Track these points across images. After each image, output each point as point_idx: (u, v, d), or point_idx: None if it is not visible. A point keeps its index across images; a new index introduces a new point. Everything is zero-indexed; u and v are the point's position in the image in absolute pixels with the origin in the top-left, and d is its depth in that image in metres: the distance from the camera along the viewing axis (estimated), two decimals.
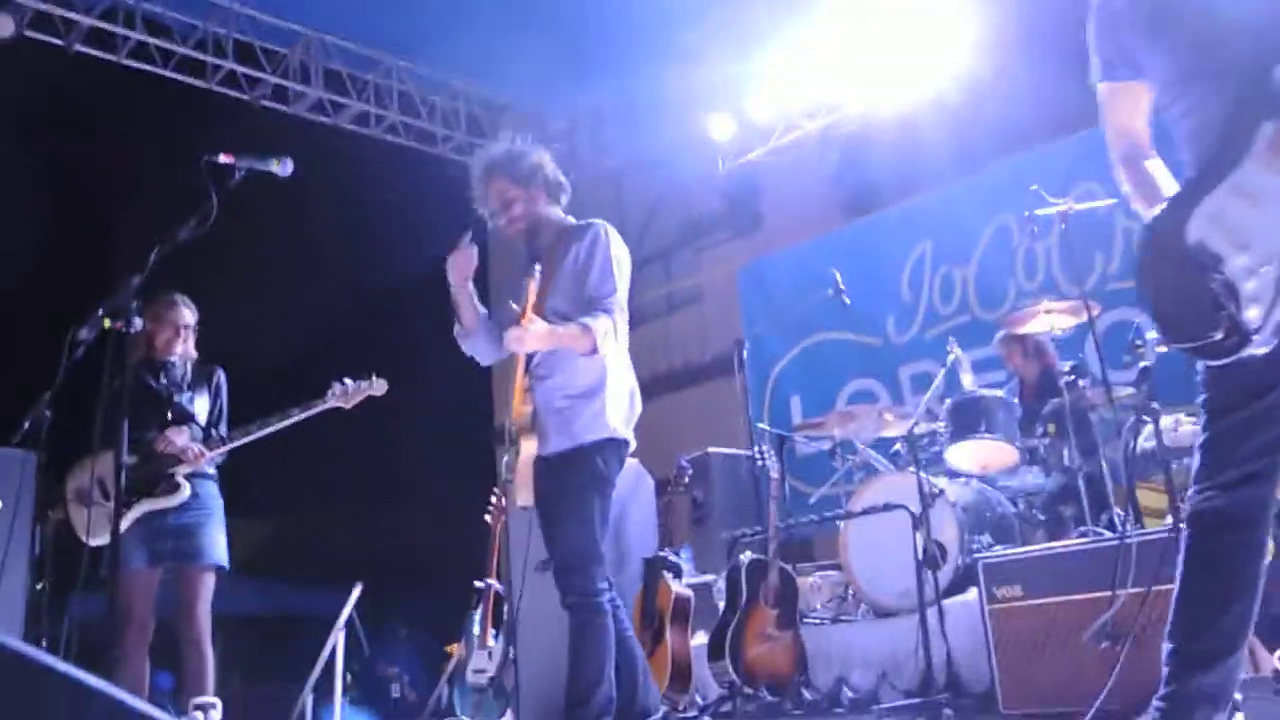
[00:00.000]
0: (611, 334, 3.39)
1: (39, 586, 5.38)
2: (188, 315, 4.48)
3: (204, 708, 4.01)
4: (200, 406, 4.43)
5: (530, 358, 3.52)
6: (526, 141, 3.74)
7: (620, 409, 3.53)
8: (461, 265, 3.60)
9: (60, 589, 5.31)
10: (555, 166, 3.74)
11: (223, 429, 4.47)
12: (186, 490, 4.21)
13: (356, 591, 6.00)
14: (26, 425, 4.16)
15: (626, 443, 3.57)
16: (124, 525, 4.13)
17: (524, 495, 3.56)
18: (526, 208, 3.62)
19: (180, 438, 4.24)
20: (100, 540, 4.01)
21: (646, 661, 3.64)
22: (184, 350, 4.48)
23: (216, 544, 4.27)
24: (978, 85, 7.98)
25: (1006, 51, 7.83)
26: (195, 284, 4.54)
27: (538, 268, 3.48)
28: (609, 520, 3.56)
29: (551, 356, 3.48)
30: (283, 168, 3.13)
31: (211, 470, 4.41)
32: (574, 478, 3.45)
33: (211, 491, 4.38)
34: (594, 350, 3.36)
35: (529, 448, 3.50)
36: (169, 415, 4.31)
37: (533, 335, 3.35)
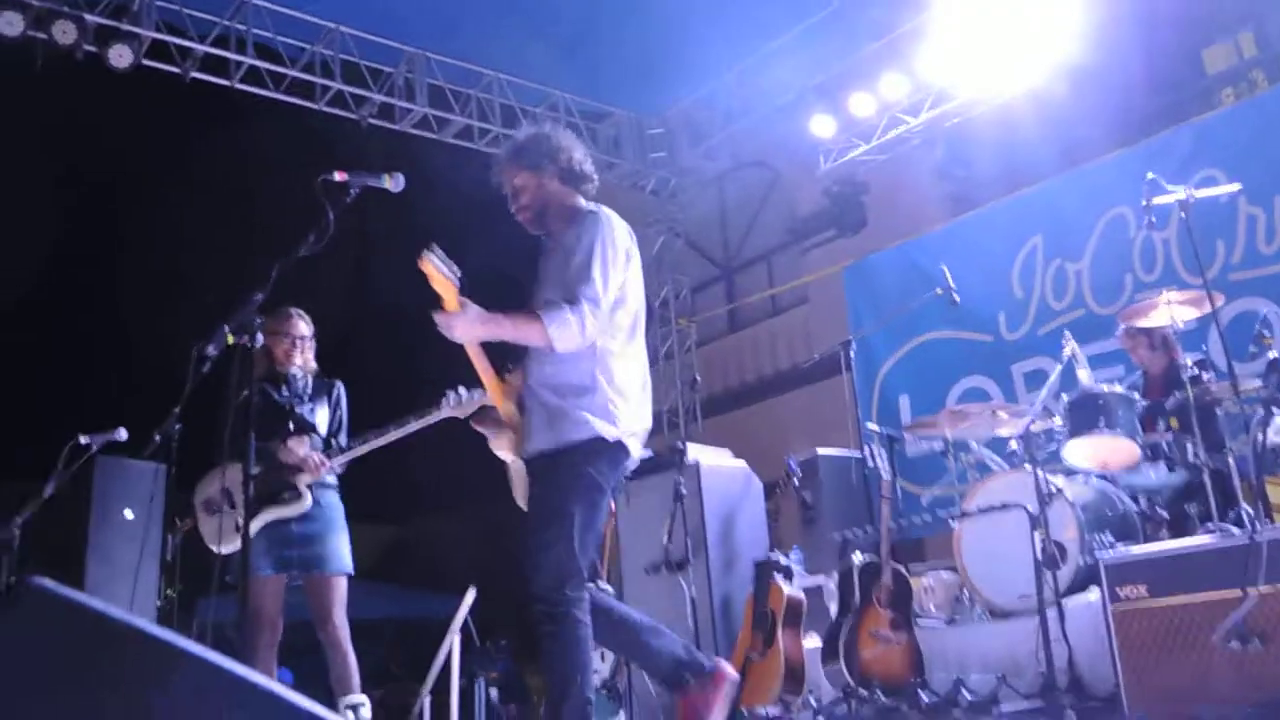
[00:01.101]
0: (574, 328, 3.12)
1: (169, 593, 5.62)
2: (303, 327, 4.61)
3: (354, 706, 4.16)
4: (321, 417, 4.56)
5: (507, 351, 3.29)
6: (557, 128, 3.56)
7: (619, 410, 3.24)
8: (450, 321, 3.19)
9: (189, 595, 5.55)
10: (583, 155, 3.51)
11: (342, 439, 4.60)
12: (309, 499, 4.34)
13: (470, 595, 6.12)
14: (157, 438, 4.37)
15: (622, 446, 3.26)
16: (250, 533, 4.31)
17: (520, 497, 3.34)
18: (534, 195, 3.42)
19: (301, 448, 4.37)
20: (229, 548, 4.19)
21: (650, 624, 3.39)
22: (303, 362, 4.62)
23: (340, 551, 4.39)
24: (1085, 75, 7.78)
25: (1115, 40, 7.62)
26: (309, 298, 4.67)
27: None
28: (598, 530, 3.27)
29: (535, 349, 3.24)
30: (395, 183, 3.21)
31: (333, 480, 4.53)
32: (556, 481, 3.18)
33: (333, 500, 4.50)
34: (549, 344, 3.13)
35: (509, 442, 3.32)
36: (291, 426, 4.45)
37: (461, 322, 3.12)
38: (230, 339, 3.64)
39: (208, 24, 7.80)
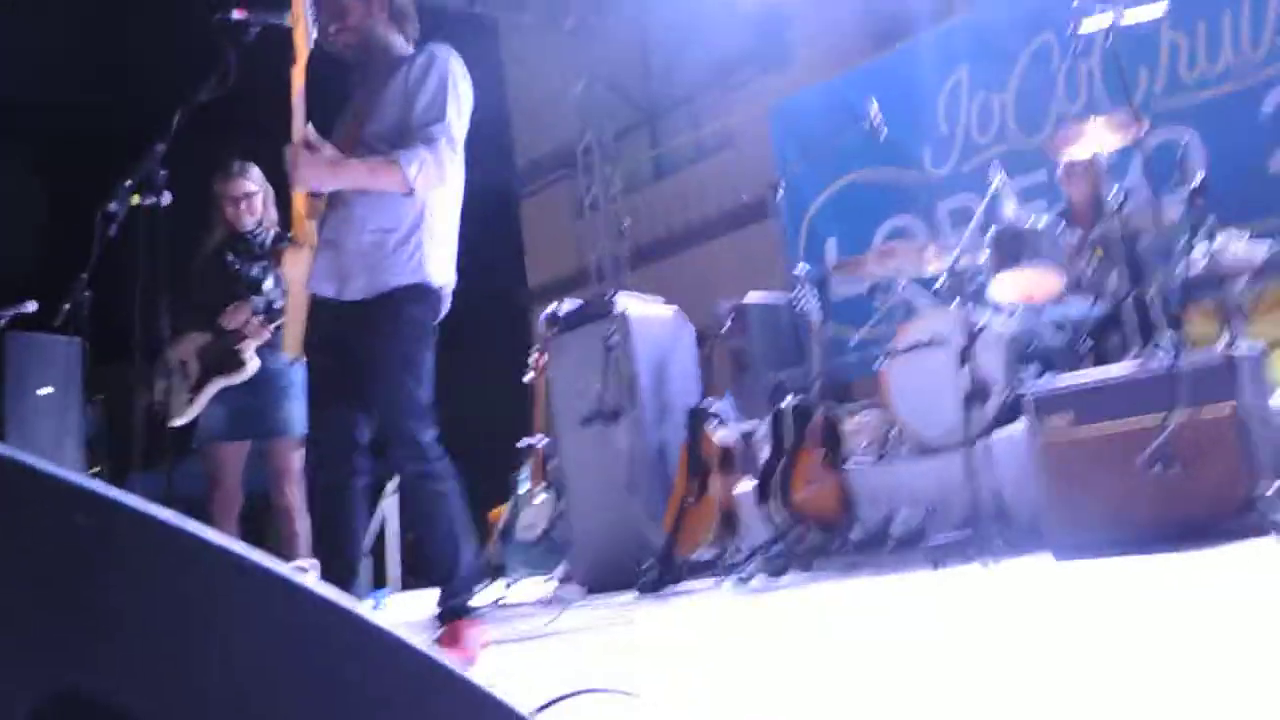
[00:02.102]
0: (432, 168, 2.93)
1: (95, 471, 5.51)
2: (244, 184, 4.36)
3: (298, 570, 4.12)
4: (272, 277, 4.37)
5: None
6: None
7: (440, 255, 3.10)
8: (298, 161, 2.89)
9: (116, 470, 5.44)
10: None
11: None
12: (254, 364, 4.22)
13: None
14: (67, 309, 4.18)
15: (441, 297, 3.12)
16: (202, 403, 4.21)
17: (292, 342, 3.06)
18: (361, 19, 3.11)
19: (242, 312, 4.23)
20: (184, 419, 4.12)
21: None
22: (261, 218, 4.40)
23: (294, 416, 4.28)
24: None
25: None
26: (227, 148, 4.44)
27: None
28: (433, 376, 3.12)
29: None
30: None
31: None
32: (390, 327, 2.99)
33: (287, 363, 4.37)
34: (409, 190, 2.92)
35: (301, 271, 3.01)
36: (237, 288, 4.30)
37: (310, 165, 2.84)
38: (135, 198, 3.46)
39: None
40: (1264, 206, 6.01)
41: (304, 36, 2.89)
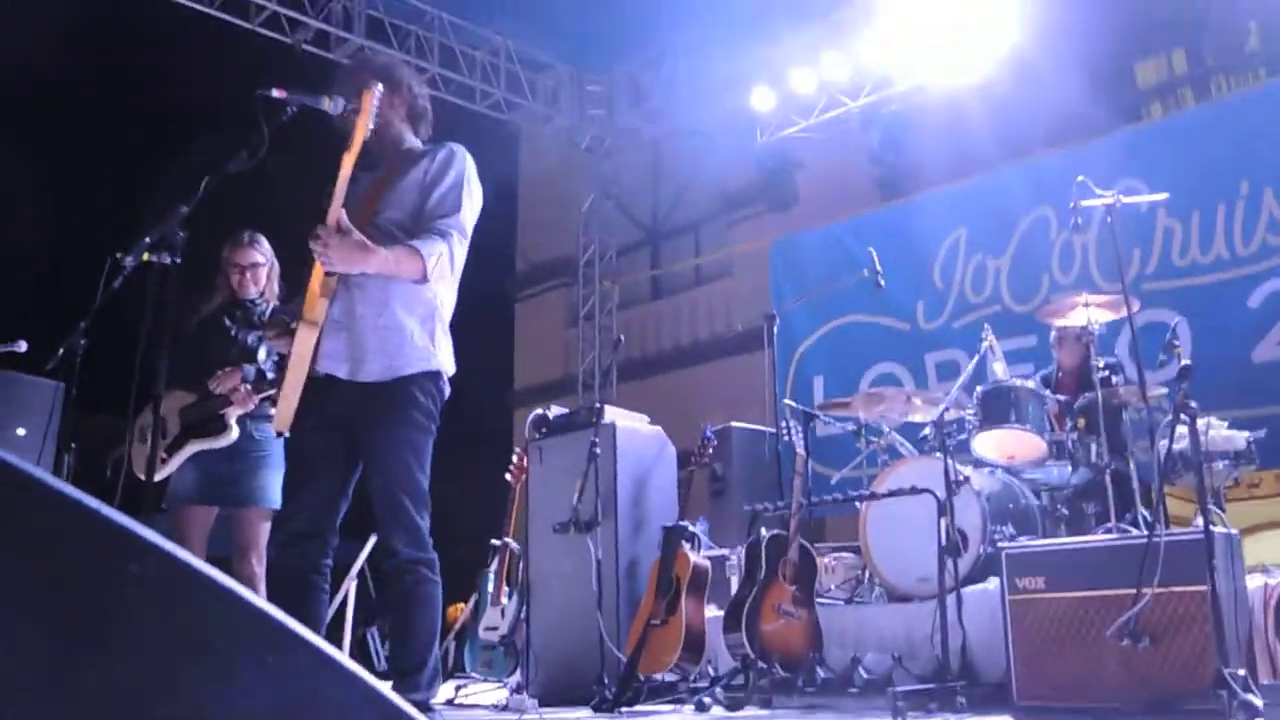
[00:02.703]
0: (446, 261, 3.01)
1: None
2: (253, 254, 4.42)
3: None
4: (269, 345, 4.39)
5: None
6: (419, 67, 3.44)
7: (447, 344, 3.17)
8: None
9: None
10: (426, 97, 3.39)
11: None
12: (235, 432, 4.19)
13: (371, 542, 6.04)
14: (60, 353, 4.18)
15: (447, 383, 3.16)
16: (176, 463, 4.17)
17: (284, 418, 2.98)
18: (383, 114, 3.14)
19: (231, 379, 4.23)
20: (157, 476, 4.07)
21: None
22: (262, 290, 4.45)
23: (270, 487, 4.25)
24: (1023, 75, 7.89)
25: (1053, 47, 7.74)
26: (246, 221, 4.51)
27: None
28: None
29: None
30: (334, 106, 3.10)
31: (272, 412, 4.40)
32: (402, 412, 3.01)
33: (270, 434, 4.36)
34: (423, 278, 2.98)
35: (308, 348, 2.97)
36: (231, 353, 4.32)
37: (342, 247, 2.86)
38: (146, 256, 3.49)
39: None
40: (1245, 396, 6.14)
41: (364, 128, 2.97)
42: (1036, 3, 7.69)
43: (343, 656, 0.68)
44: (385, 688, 0.65)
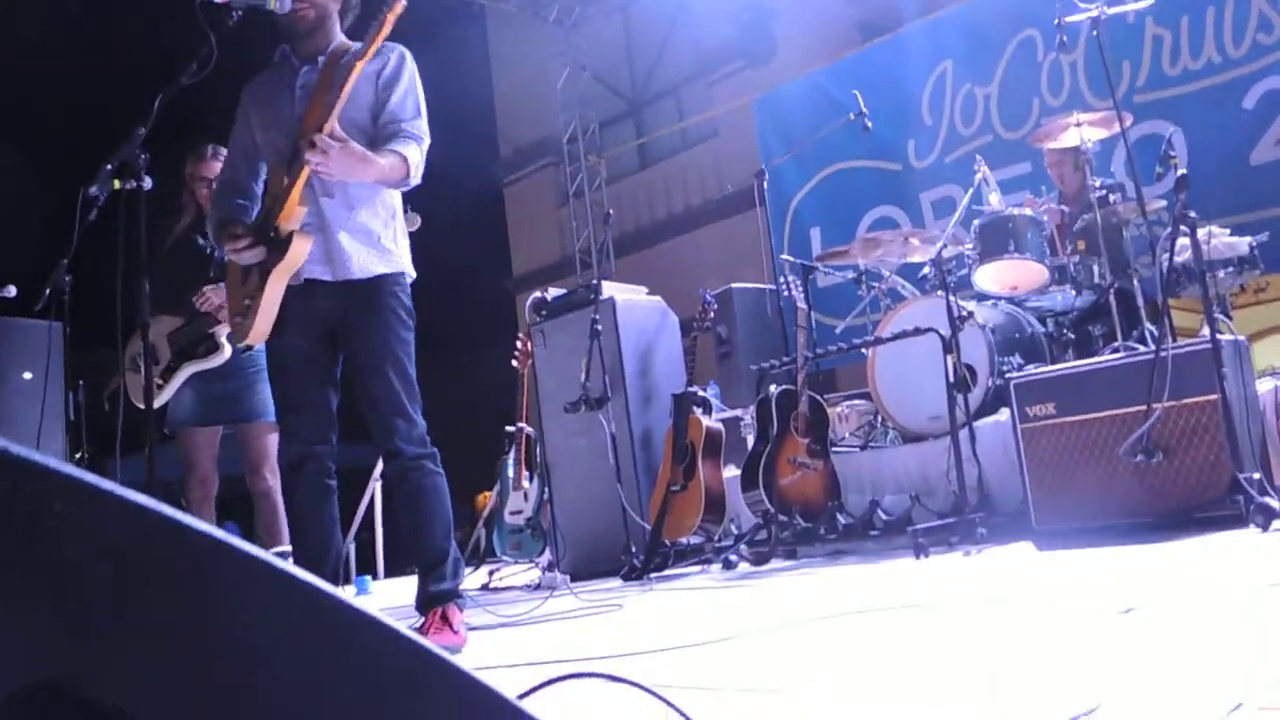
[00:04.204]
0: (418, 166, 3.02)
1: (78, 455, 5.46)
2: (217, 166, 4.34)
3: (283, 554, 4.13)
4: None
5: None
6: None
7: (408, 248, 3.21)
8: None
9: (97, 456, 5.39)
10: None
11: None
12: (227, 350, 4.19)
13: None
14: (47, 293, 4.14)
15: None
16: (173, 388, 4.18)
17: (261, 329, 2.97)
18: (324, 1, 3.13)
19: (217, 296, 4.20)
20: (155, 404, 4.07)
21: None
22: None
23: (269, 400, 4.27)
24: None
25: None
26: (205, 133, 4.41)
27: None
28: None
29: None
30: (280, 4, 2.99)
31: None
32: (389, 311, 3.04)
33: (262, 348, 4.34)
34: (405, 183, 3.02)
35: (300, 257, 2.95)
36: (211, 273, 4.27)
37: (345, 156, 2.82)
38: (115, 182, 3.43)
39: None
40: (1245, 200, 6.06)
41: (381, 37, 2.86)
42: None
43: (321, 581, 0.66)
44: (364, 604, 0.63)
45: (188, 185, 4.34)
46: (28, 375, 6.07)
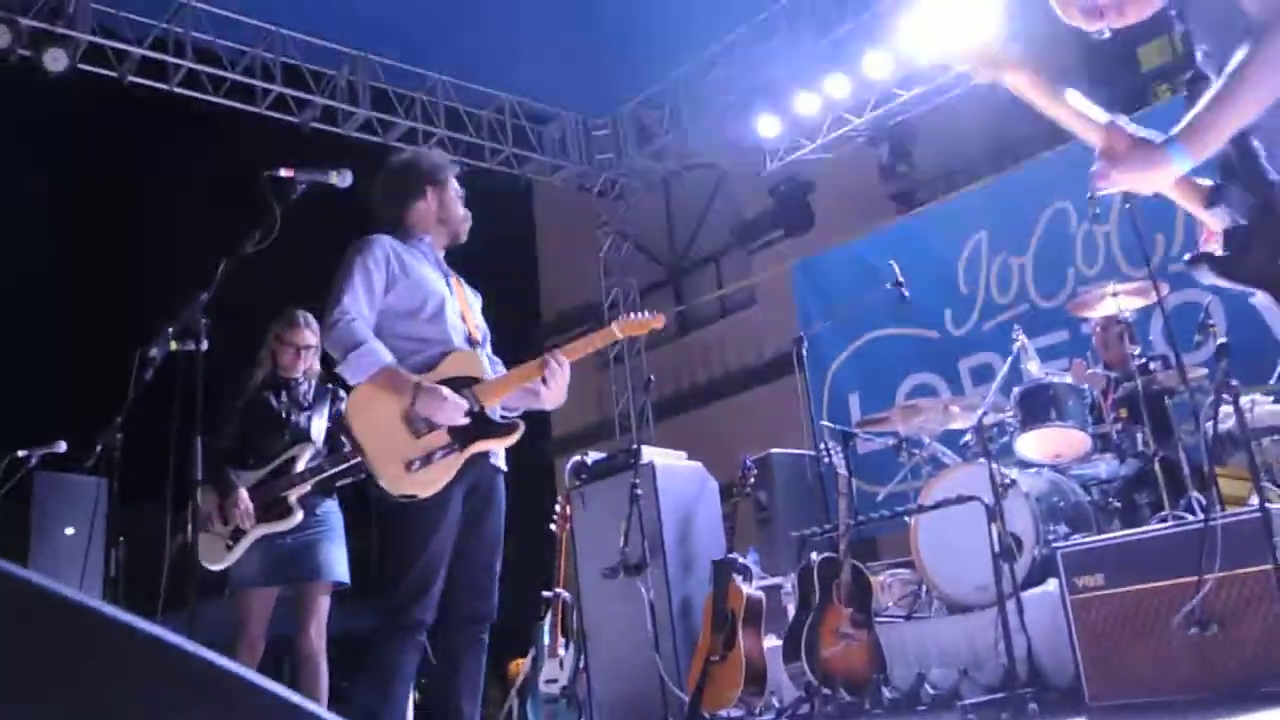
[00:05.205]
0: None
1: None
2: (308, 335, 4.48)
3: None
4: (318, 426, 4.45)
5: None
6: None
7: None
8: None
9: (141, 614, 5.38)
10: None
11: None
12: (299, 515, 4.25)
13: None
14: (99, 449, 4.23)
15: None
16: (242, 548, 4.20)
17: (443, 480, 3.12)
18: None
19: (298, 459, 4.31)
20: (221, 565, 4.13)
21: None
22: (308, 369, 4.51)
23: (335, 561, 4.29)
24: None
25: (1052, 37, 7.72)
26: (264, 301, 4.57)
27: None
28: None
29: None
30: (342, 179, 3.15)
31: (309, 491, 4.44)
32: (504, 506, 3.37)
33: (331, 508, 4.40)
34: None
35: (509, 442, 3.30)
36: (285, 435, 4.36)
37: (564, 380, 3.38)
38: (173, 345, 3.54)
39: (145, 27, 7.65)
40: None
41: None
42: (1029, 1, 7.68)
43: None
44: None
45: (269, 345, 4.46)
46: (70, 531, 6.14)
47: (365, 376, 3.08)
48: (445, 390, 3.11)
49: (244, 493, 4.23)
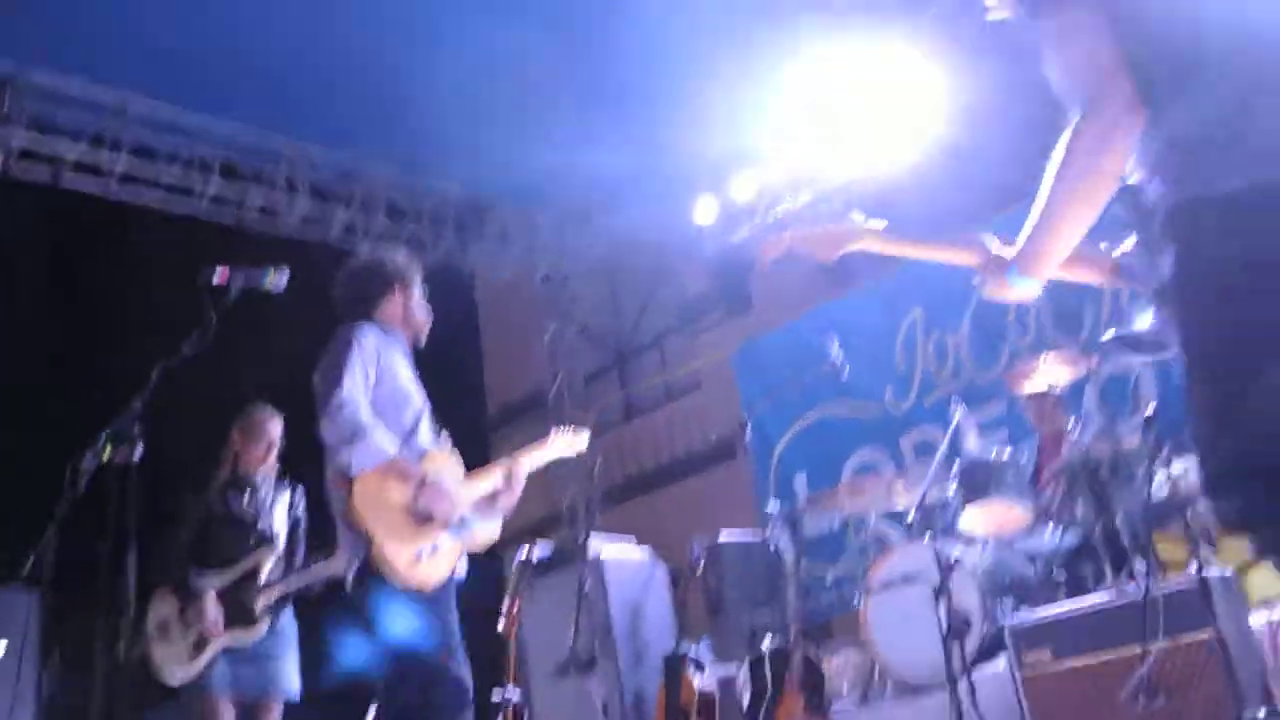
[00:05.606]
0: None
1: None
2: (277, 430, 4.46)
3: None
4: (280, 523, 4.41)
5: None
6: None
7: None
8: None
9: None
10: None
11: (299, 553, 4.47)
12: (265, 626, 4.18)
13: (371, 713, 5.88)
14: (31, 561, 4.12)
15: None
16: (207, 658, 4.11)
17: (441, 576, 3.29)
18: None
19: (261, 565, 4.28)
20: (183, 677, 4.02)
21: None
22: (268, 467, 4.47)
23: (292, 675, 4.25)
24: (953, 152, 8.09)
25: (981, 119, 7.97)
26: (201, 405, 4.53)
27: None
28: None
29: None
30: (277, 281, 3.15)
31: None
32: None
33: (289, 619, 4.34)
34: None
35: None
36: (250, 539, 4.30)
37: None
38: (106, 452, 3.48)
39: (80, 126, 7.61)
40: None
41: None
42: (960, 86, 7.92)
43: None
44: None
45: (234, 445, 4.41)
46: (1, 646, 5.91)
47: (370, 467, 3.04)
48: (447, 485, 3.18)
49: (213, 596, 4.15)
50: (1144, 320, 2.26)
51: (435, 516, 3.13)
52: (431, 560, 3.10)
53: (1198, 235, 1.79)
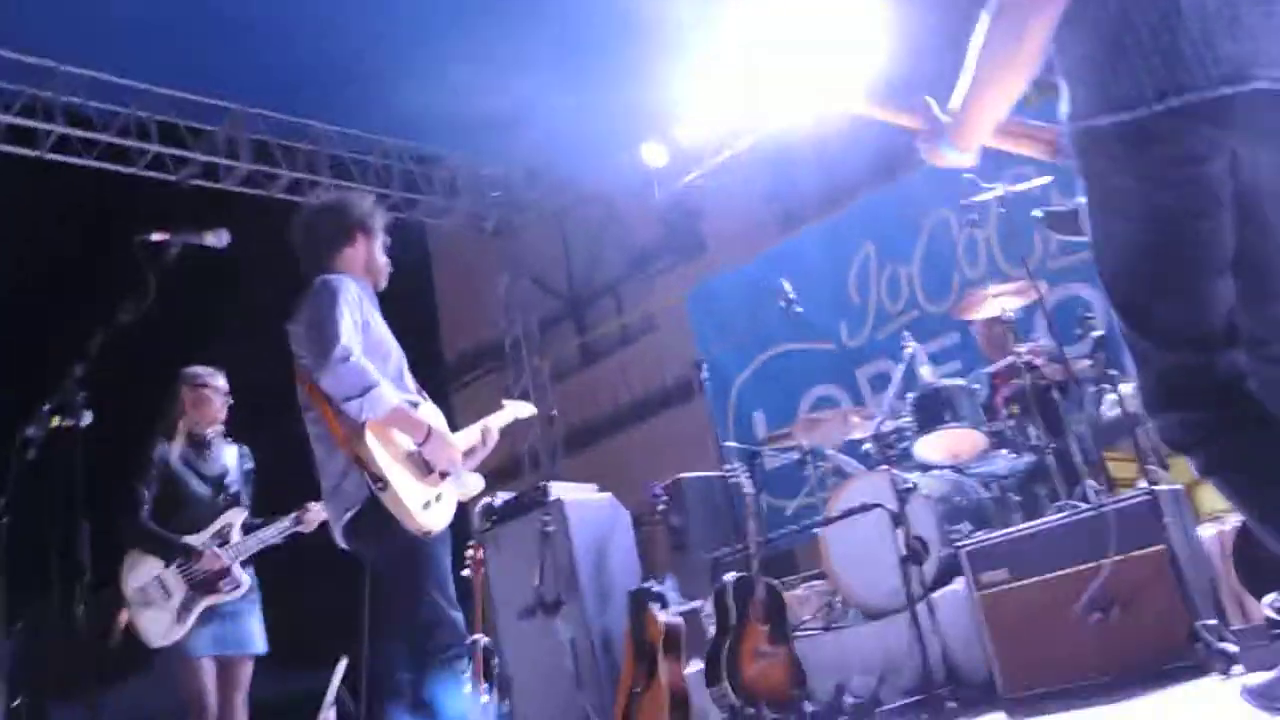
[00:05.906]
0: None
1: (15, 704, 5.22)
2: (225, 385, 4.43)
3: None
4: (237, 481, 4.41)
5: None
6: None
7: None
8: None
9: (37, 700, 5.15)
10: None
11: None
12: (245, 584, 4.23)
13: (342, 665, 5.90)
14: None
15: None
16: (193, 619, 4.10)
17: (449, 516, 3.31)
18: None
19: (232, 526, 4.26)
20: (168, 641, 4.02)
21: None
22: (218, 423, 4.44)
23: (260, 633, 4.27)
24: (896, 89, 8.08)
25: (920, 57, 7.96)
26: (144, 368, 4.46)
27: None
28: None
29: None
30: (217, 239, 3.09)
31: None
32: None
33: (252, 577, 4.35)
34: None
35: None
36: (221, 500, 4.29)
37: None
38: (54, 420, 3.43)
39: (11, 93, 7.40)
40: None
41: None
42: (899, 22, 7.89)
43: None
44: None
45: (184, 400, 4.36)
46: None
47: (379, 415, 3.03)
48: (449, 437, 3.19)
49: (215, 550, 4.16)
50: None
51: (440, 466, 3.14)
52: (438, 507, 3.11)
53: (1091, 165, 1.99)
